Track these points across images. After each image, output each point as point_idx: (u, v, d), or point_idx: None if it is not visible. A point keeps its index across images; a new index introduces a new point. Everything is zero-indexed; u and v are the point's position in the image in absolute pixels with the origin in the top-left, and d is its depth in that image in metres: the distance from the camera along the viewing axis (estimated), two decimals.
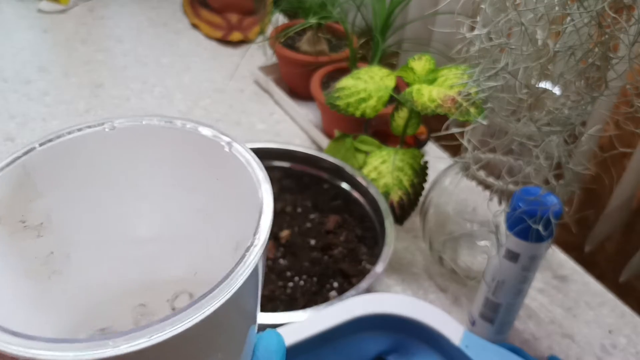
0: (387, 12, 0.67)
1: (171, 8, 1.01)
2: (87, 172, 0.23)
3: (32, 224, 0.22)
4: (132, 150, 0.24)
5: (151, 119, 0.23)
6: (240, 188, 0.22)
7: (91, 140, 0.23)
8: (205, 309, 0.16)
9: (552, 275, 0.58)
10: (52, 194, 0.22)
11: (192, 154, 0.23)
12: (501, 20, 0.35)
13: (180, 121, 0.23)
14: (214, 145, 0.23)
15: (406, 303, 0.40)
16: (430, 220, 0.55)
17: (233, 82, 0.84)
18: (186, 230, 0.25)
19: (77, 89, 0.80)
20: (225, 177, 0.23)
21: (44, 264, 0.23)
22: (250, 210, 0.20)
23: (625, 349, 0.52)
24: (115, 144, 0.23)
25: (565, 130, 0.38)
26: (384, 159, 0.56)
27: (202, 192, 0.24)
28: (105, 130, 0.23)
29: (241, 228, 0.21)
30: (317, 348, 0.39)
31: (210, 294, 0.17)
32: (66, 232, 0.23)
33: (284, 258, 0.53)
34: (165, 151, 0.24)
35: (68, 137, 0.22)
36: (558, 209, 0.40)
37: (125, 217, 0.25)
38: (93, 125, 0.23)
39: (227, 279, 0.17)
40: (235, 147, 0.22)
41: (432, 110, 0.48)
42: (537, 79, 0.37)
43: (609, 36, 0.34)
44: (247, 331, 0.21)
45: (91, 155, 0.23)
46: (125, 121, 0.23)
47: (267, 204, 0.20)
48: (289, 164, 0.59)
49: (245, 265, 0.18)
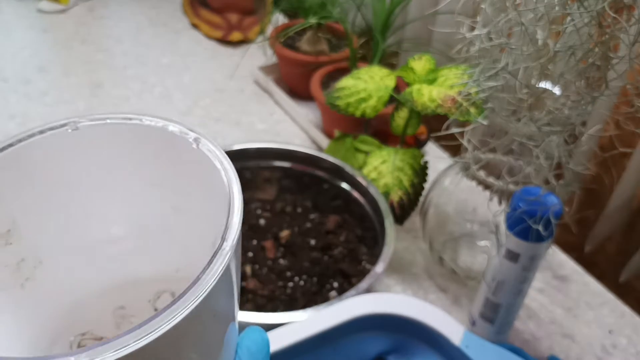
0: (387, 12, 0.67)
1: (171, 8, 1.01)
2: (52, 174, 0.23)
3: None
4: (97, 150, 0.23)
5: (115, 118, 0.23)
6: (210, 185, 0.22)
7: (54, 141, 0.22)
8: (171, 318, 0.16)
9: (552, 275, 0.58)
10: (16, 199, 0.22)
11: (160, 151, 0.23)
12: (501, 20, 0.35)
13: (147, 118, 0.22)
14: (181, 142, 0.22)
15: (406, 303, 0.40)
16: (430, 221, 0.55)
17: (233, 82, 0.84)
18: (161, 228, 0.25)
19: (76, 89, 0.80)
20: (195, 174, 0.22)
21: (15, 272, 0.22)
22: (222, 206, 0.20)
23: (625, 349, 0.52)
24: (79, 144, 0.23)
25: (566, 130, 0.38)
26: (384, 159, 0.56)
27: (173, 189, 0.24)
28: (68, 131, 0.22)
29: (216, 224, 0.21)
30: (317, 348, 0.39)
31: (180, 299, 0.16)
32: (36, 237, 0.23)
33: (284, 258, 0.53)
34: (132, 150, 0.23)
35: (29, 141, 0.21)
36: (558, 209, 0.40)
37: (96, 217, 0.24)
38: (55, 126, 0.22)
39: (196, 283, 0.17)
40: (203, 143, 0.22)
41: (432, 110, 0.48)
42: (537, 79, 0.37)
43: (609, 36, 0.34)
44: (224, 332, 0.20)
45: (55, 157, 0.22)
46: (88, 121, 0.22)
47: (237, 202, 0.20)
48: (289, 164, 0.59)
49: (216, 266, 0.17)
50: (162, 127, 0.22)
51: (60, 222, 0.24)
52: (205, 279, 0.17)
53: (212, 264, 0.17)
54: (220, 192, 0.21)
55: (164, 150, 0.23)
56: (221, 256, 0.18)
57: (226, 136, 0.73)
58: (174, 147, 0.22)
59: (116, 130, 0.23)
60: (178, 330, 0.16)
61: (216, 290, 0.17)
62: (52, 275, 0.24)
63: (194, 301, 0.16)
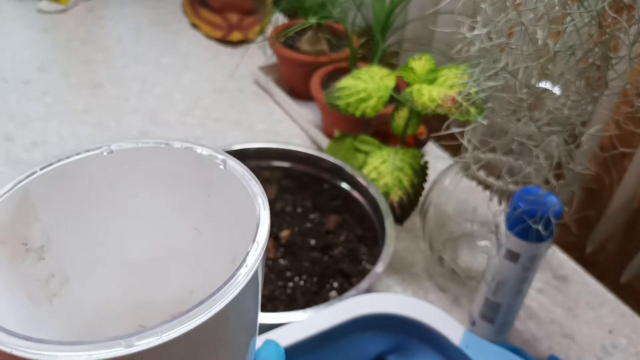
0: (387, 12, 0.67)
1: (171, 8, 1.01)
2: (84, 194, 0.24)
3: (33, 247, 0.22)
4: (129, 173, 0.24)
5: (147, 142, 0.24)
6: (235, 203, 0.23)
7: (89, 163, 0.23)
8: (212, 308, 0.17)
9: (552, 275, 0.58)
10: (51, 217, 0.23)
11: (188, 173, 0.24)
12: (501, 20, 0.35)
13: (177, 142, 0.24)
14: (209, 164, 0.23)
15: (406, 303, 0.40)
16: (430, 220, 0.55)
17: (233, 82, 0.84)
18: (182, 250, 0.26)
19: (76, 89, 0.80)
20: (220, 193, 0.24)
21: (45, 288, 0.23)
22: (247, 224, 0.21)
23: (625, 349, 0.52)
24: (112, 167, 0.24)
25: (566, 130, 0.38)
26: (384, 159, 0.56)
27: (197, 210, 0.25)
28: (103, 154, 0.24)
29: (237, 242, 0.22)
30: (317, 348, 0.39)
31: (216, 294, 0.17)
32: (65, 255, 0.24)
33: (284, 258, 0.53)
34: (161, 172, 0.24)
35: (67, 161, 0.23)
36: (558, 209, 0.40)
37: (121, 238, 0.26)
38: (91, 149, 0.23)
39: (230, 281, 0.18)
40: (229, 163, 0.23)
41: (432, 110, 0.48)
42: (537, 78, 0.37)
43: (609, 36, 0.34)
44: (249, 340, 0.21)
45: (89, 178, 0.24)
46: (122, 144, 0.24)
47: (264, 216, 0.21)
48: (289, 164, 0.59)
49: (246, 268, 0.19)
50: (190, 149, 0.24)
51: (89, 242, 0.25)
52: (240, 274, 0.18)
53: (244, 262, 0.19)
54: (246, 208, 0.22)
55: (194, 173, 0.24)
56: (256, 252, 0.19)
57: (226, 136, 0.73)
58: (202, 169, 0.24)
59: (147, 154, 0.24)
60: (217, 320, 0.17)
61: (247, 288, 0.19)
62: (76, 293, 0.25)
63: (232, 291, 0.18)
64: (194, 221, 0.25)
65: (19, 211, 0.22)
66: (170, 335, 0.16)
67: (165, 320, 0.17)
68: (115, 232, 0.25)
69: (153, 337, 0.16)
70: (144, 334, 0.16)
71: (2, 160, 0.67)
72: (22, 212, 0.22)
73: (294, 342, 0.37)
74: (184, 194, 0.25)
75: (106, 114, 0.75)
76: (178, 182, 0.25)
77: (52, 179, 0.22)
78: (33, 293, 0.23)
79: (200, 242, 0.26)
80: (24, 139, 0.70)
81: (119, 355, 0.16)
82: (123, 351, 0.16)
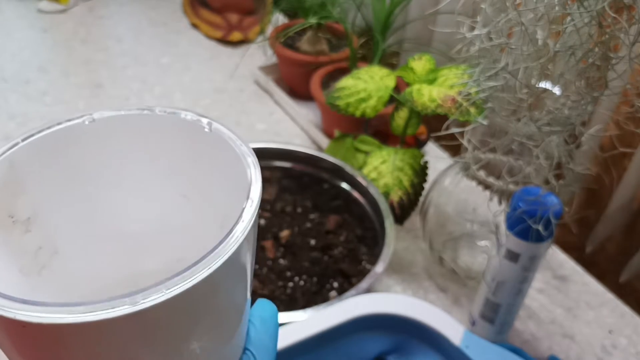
0: (387, 12, 0.67)
1: (171, 8, 1.01)
2: (69, 165, 0.23)
3: (19, 219, 0.22)
4: (113, 141, 0.24)
5: (130, 109, 0.23)
6: (224, 165, 0.22)
7: (72, 133, 0.23)
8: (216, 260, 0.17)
9: (552, 275, 0.58)
10: (36, 189, 0.23)
11: (174, 139, 0.24)
12: (501, 20, 0.35)
13: (160, 108, 0.23)
14: (195, 127, 0.23)
15: (406, 303, 0.40)
16: (430, 220, 0.55)
17: (233, 82, 0.84)
18: (170, 218, 0.26)
19: (76, 89, 0.80)
20: (207, 157, 0.23)
21: (33, 260, 0.23)
22: (237, 186, 0.21)
23: (625, 349, 0.52)
24: (95, 136, 0.23)
25: (566, 130, 0.38)
26: (384, 159, 0.56)
27: (185, 176, 0.24)
28: (85, 123, 0.23)
29: (227, 206, 0.21)
30: (317, 348, 0.39)
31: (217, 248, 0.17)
32: (53, 226, 0.23)
33: (284, 258, 0.53)
34: (146, 139, 0.24)
35: (49, 131, 0.22)
36: (558, 209, 0.40)
37: (110, 208, 0.25)
38: (73, 118, 0.23)
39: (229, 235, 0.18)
40: (215, 126, 0.23)
41: (432, 110, 0.48)
42: (537, 79, 0.37)
43: (609, 36, 0.34)
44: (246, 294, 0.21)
45: (72, 148, 0.23)
46: (104, 112, 0.23)
47: (255, 174, 0.21)
48: (289, 164, 0.59)
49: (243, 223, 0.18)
50: (174, 114, 0.23)
51: (76, 213, 0.24)
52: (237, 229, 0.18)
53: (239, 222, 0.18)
54: (236, 168, 0.21)
55: (179, 138, 0.24)
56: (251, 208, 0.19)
57: None
58: (188, 133, 0.23)
59: (130, 121, 0.23)
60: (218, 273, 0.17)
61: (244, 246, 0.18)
62: (66, 265, 0.24)
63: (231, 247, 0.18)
64: (181, 188, 0.25)
65: (4, 183, 0.21)
66: (175, 290, 0.16)
67: (168, 277, 0.16)
68: (103, 203, 0.25)
69: (158, 294, 0.16)
70: (148, 291, 0.16)
71: None
72: (7, 184, 0.21)
73: (294, 342, 0.37)
74: (170, 161, 0.24)
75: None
76: (164, 149, 0.24)
77: (35, 150, 0.22)
78: (22, 265, 0.22)
79: (188, 210, 0.25)
80: None
81: (124, 313, 0.16)
82: (128, 309, 0.16)
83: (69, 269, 0.24)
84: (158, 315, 0.16)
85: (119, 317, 0.16)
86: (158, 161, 0.25)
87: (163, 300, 0.16)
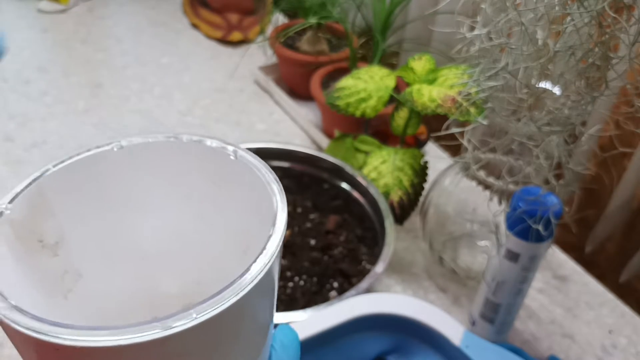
0: (387, 12, 0.67)
1: (171, 8, 1.01)
2: (97, 190, 0.24)
3: (48, 243, 0.23)
4: (140, 168, 0.25)
5: (157, 136, 0.24)
6: (248, 192, 0.23)
7: (101, 159, 0.24)
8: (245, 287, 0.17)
9: (552, 275, 0.58)
10: (65, 214, 0.23)
11: (198, 166, 0.24)
12: (501, 20, 0.35)
13: (186, 136, 0.24)
14: (220, 155, 0.24)
15: (406, 303, 0.40)
16: (430, 220, 0.55)
17: (233, 82, 0.84)
18: (194, 242, 0.26)
19: (76, 89, 0.80)
20: (232, 184, 0.24)
21: (60, 283, 0.23)
22: (261, 212, 0.21)
23: (625, 349, 0.52)
24: (123, 162, 0.24)
25: (565, 130, 0.38)
26: (384, 159, 0.56)
27: (210, 202, 0.25)
28: (114, 150, 0.24)
29: (250, 232, 0.22)
30: (317, 348, 0.39)
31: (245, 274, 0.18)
32: (79, 250, 0.24)
33: (284, 258, 0.53)
34: (172, 166, 0.25)
35: (79, 157, 0.23)
36: (558, 209, 0.40)
37: (133, 232, 0.26)
38: (102, 145, 0.24)
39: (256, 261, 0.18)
40: (240, 154, 0.23)
41: (432, 110, 0.48)
42: (537, 78, 0.37)
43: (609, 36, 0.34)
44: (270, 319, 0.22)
45: (100, 174, 0.24)
46: (132, 139, 0.24)
47: (281, 200, 0.21)
48: (289, 164, 0.59)
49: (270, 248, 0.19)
50: (199, 142, 0.24)
51: (100, 237, 0.25)
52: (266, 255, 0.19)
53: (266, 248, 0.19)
54: (260, 195, 0.22)
55: (205, 165, 0.24)
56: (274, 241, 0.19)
57: (226, 136, 0.73)
58: (214, 160, 0.24)
59: (157, 148, 0.24)
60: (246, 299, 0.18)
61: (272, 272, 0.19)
62: (88, 287, 0.25)
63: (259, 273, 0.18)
64: (204, 213, 0.25)
65: (34, 208, 0.22)
66: (205, 315, 0.17)
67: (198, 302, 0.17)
68: (127, 226, 0.26)
69: (188, 319, 0.16)
70: (178, 316, 0.16)
71: (2, 160, 0.67)
72: (37, 209, 0.22)
73: None
74: (194, 187, 0.25)
75: (106, 114, 0.75)
76: (188, 175, 0.25)
77: (65, 176, 0.23)
78: (48, 289, 0.23)
79: (211, 235, 0.26)
80: (24, 139, 0.70)
81: (155, 338, 0.16)
82: (159, 334, 0.16)
83: (91, 291, 0.25)
84: (186, 339, 0.17)
85: (150, 342, 0.16)
86: (182, 187, 0.25)
87: (193, 325, 0.16)
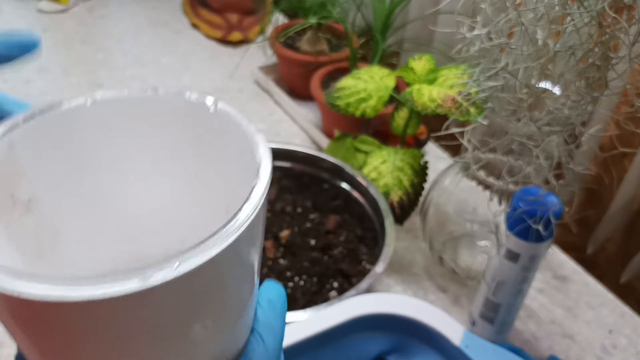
0: (387, 12, 0.67)
1: (171, 8, 1.01)
2: (70, 147, 0.23)
3: (20, 200, 0.22)
4: (115, 123, 0.23)
5: (133, 90, 0.23)
6: (230, 144, 0.21)
7: (73, 115, 0.22)
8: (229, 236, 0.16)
9: (552, 275, 0.58)
10: (37, 170, 0.22)
11: (178, 120, 0.23)
12: (501, 20, 0.35)
13: (164, 88, 0.23)
14: (199, 108, 0.22)
15: (406, 303, 0.40)
16: (430, 220, 0.55)
17: (233, 82, 0.84)
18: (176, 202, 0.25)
19: (76, 89, 0.80)
20: (213, 137, 0.22)
21: (34, 242, 0.22)
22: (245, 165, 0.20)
23: (625, 349, 0.51)
24: (97, 117, 0.23)
25: (566, 130, 0.38)
26: (384, 159, 0.56)
27: (189, 159, 0.24)
28: (87, 104, 0.22)
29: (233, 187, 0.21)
30: (317, 348, 0.39)
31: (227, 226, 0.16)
32: (54, 209, 0.23)
33: (284, 258, 0.53)
34: (149, 121, 0.23)
35: (50, 113, 0.22)
36: (558, 209, 0.40)
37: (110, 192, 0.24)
38: (74, 98, 0.22)
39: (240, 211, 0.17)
40: (221, 105, 0.22)
41: (432, 110, 0.48)
42: (537, 78, 0.37)
43: (609, 36, 0.34)
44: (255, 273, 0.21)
45: (74, 130, 0.23)
46: (107, 93, 0.23)
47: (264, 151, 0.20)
48: (289, 164, 0.59)
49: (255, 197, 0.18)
50: (178, 95, 0.22)
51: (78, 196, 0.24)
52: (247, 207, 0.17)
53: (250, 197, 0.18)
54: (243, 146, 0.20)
55: (184, 119, 0.23)
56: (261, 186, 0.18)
57: None
58: (193, 114, 0.22)
59: (133, 102, 0.23)
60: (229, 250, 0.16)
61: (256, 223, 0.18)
62: (67, 250, 0.23)
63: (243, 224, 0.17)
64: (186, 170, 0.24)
65: (4, 163, 0.21)
66: (189, 264, 0.15)
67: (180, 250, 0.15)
68: (105, 187, 0.24)
69: (169, 269, 0.15)
70: (159, 265, 0.15)
71: None
72: (8, 165, 0.21)
73: (294, 342, 0.37)
74: (174, 143, 0.24)
75: None
76: (168, 130, 0.23)
77: (36, 131, 0.21)
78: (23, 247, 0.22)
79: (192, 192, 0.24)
80: None
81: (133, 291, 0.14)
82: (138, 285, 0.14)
83: (70, 255, 0.24)
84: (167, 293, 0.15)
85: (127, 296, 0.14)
86: (160, 144, 0.24)
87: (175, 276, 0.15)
